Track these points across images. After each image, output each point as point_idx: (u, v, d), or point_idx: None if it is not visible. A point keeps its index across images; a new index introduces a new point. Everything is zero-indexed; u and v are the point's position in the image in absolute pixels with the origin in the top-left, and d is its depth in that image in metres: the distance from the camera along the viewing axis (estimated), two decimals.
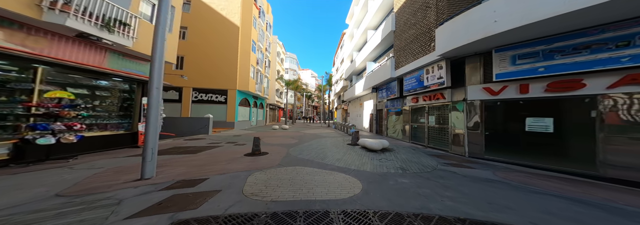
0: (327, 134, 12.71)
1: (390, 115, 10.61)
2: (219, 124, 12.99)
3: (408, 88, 7.81)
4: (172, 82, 12.19)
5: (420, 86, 6.89)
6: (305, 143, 8.19)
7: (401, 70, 8.29)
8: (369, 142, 6.31)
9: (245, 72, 14.20)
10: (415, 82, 7.21)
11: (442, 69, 5.64)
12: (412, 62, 7.33)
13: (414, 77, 7.33)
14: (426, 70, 6.51)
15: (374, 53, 12.78)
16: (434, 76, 6.03)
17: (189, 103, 12.58)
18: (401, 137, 9.07)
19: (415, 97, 7.51)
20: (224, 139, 8.74)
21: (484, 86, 4.66)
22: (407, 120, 8.39)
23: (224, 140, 8.25)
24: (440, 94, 5.99)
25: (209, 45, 13.28)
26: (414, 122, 7.93)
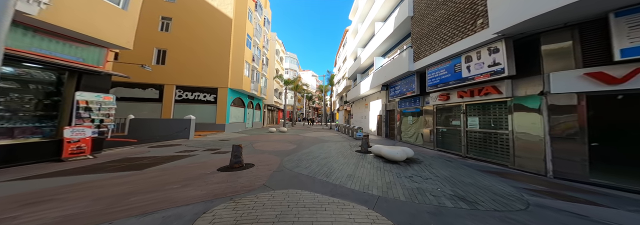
0: (330, 137, 10.90)
1: (404, 116, 8.81)
2: (206, 126, 11.21)
3: (434, 82, 6.04)
4: (152, 78, 10.51)
5: (455, 79, 5.12)
6: (305, 150, 6.42)
7: (423, 61, 6.55)
8: (386, 151, 4.56)
9: (239, 69, 12.51)
10: (447, 74, 5.44)
11: (498, 52, 3.88)
12: (442, 50, 5.58)
13: (445, 68, 5.56)
14: (466, 57, 4.75)
15: (383, 47, 11.08)
16: (482, 64, 4.27)
17: (172, 103, 10.82)
18: (421, 142, 7.25)
19: (446, 93, 5.73)
20: (205, 144, 6.95)
21: (590, 71, 2.88)
22: (430, 122, 6.59)
23: (203, 147, 6.46)
24: (491, 87, 4.21)
25: (197, 39, 11.61)
26: (443, 124, 6.13)
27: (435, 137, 6.38)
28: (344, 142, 8.92)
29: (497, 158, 4.25)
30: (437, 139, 6.33)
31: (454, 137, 5.61)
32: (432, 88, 6.11)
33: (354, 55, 17.63)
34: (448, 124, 5.87)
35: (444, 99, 5.76)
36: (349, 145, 7.67)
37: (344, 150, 6.49)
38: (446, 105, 5.92)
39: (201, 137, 9.20)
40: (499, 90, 4.07)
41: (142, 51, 10.53)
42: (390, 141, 9.13)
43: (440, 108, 6.23)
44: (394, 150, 4.63)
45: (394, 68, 8.56)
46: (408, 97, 8.05)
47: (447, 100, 5.69)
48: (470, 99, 4.87)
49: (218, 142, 7.64)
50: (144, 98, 10.44)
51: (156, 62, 10.90)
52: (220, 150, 5.99)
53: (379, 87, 11.21)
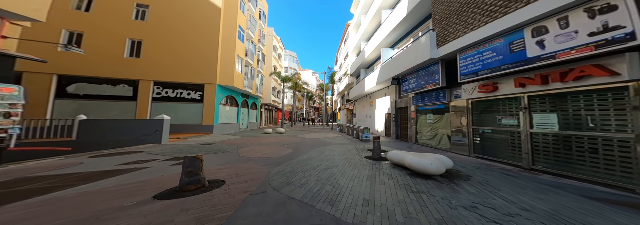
0: (333, 139, 9.36)
1: (421, 114, 7.24)
2: (191, 128, 9.64)
3: (471, 70, 4.48)
4: (125, 73, 8.83)
5: (512, 61, 3.56)
6: (302, 156, 5.09)
7: (452, 45, 4.99)
8: (414, 160, 3.17)
9: (230, 64, 10.96)
10: (496, 57, 3.88)
11: (616, 10, 2.32)
12: (486, 26, 4.03)
13: (491, 50, 4.00)
14: (536, 29, 3.19)
15: (391, 37, 9.51)
16: (573, 34, 2.71)
17: (149, 101, 9.24)
18: (447, 146, 5.68)
19: (491, 83, 4.17)
20: (176, 151, 5.39)
21: None
22: (462, 121, 5.02)
23: (169, 155, 4.91)
24: (594, 67, 2.64)
25: (179, 29, 10.05)
26: (485, 124, 4.55)
27: (471, 140, 4.80)
28: (348, 145, 7.38)
29: (600, 176, 2.68)
30: (474, 142, 4.75)
31: (503, 141, 4.04)
32: (468, 77, 4.55)
33: (357, 51, 16.09)
34: (493, 124, 4.30)
35: (489, 91, 4.18)
36: (356, 150, 6.12)
37: (350, 157, 4.94)
38: (491, 99, 4.34)
39: (180, 141, 7.64)
40: (611, 71, 2.50)
41: (111, 42, 8.98)
42: (404, 144, 7.56)
43: (480, 103, 4.65)
44: (426, 160, 3.11)
45: (408, 58, 6.99)
46: (427, 91, 6.48)
47: (494, 92, 4.12)
48: (540, 87, 3.30)
49: (195, 148, 6.08)
50: (114, 96, 8.87)
51: (129, 54, 9.32)
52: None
53: (387, 82, 9.65)
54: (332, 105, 20.17)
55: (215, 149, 5.96)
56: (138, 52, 9.42)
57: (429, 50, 5.71)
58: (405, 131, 8.83)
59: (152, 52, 9.49)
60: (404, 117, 9.00)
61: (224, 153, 5.43)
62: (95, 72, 8.53)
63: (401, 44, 9.30)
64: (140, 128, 6.26)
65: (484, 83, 4.29)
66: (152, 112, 9.22)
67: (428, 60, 5.89)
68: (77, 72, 8.31)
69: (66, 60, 8.11)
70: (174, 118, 9.39)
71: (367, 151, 5.91)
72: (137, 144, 6.15)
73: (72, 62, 8.18)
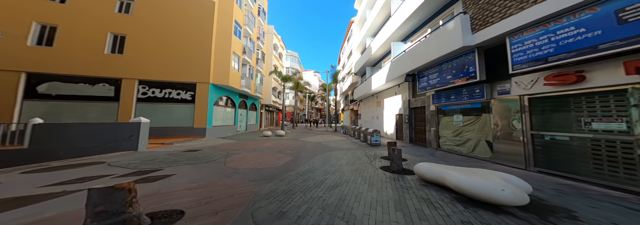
0: (337, 143, 8.16)
1: (445, 115, 5.99)
2: (181, 131, 8.48)
3: (534, 56, 3.24)
4: (105, 70, 7.56)
5: (614, 39, 2.33)
6: (303, 165, 4.09)
7: (498, 27, 3.78)
8: (470, 184, 2.02)
9: (224, 61, 9.83)
10: (584, 35, 2.64)
11: None
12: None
13: (574, 25, 2.77)
14: None
15: (403, 29, 8.31)
16: None
17: (133, 102, 8.09)
18: (487, 155, 4.43)
19: (574, 71, 2.93)
20: (148, 161, 4.21)
21: None
22: (514, 123, 3.76)
23: (136, 167, 3.74)
24: None
25: (168, 23, 8.96)
26: (551, 127, 3.29)
27: (529, 149, 3.54)
28: (356, 150, 6.18)
29: None
30: (534, 152, 3.49)
31: (589, 152, 2.78)
32: (527, 66, 3.31)
33: (362, 47, 14.92)
34: (570, 127, 3.04)
35: (569, 82, 2.94)
36: (366, 157, 4.94)
37: (362, 167, 4.00)
38: (569, 93, 3.08)
39: (163, 146, 6.47)
40: None
41: (90, 37, 7.87)
42: (422, 149, 6.30)
43: (547, 99, 3.40)
44: (489, 183, 2.07)
45: (428, 49, 5.78)
46: (455, 87, 5.25)
47: (577, 84, 2.87)
48: None
49: (177, 155, 4.90)
50: (92, 96, 7.73)
51: (110, 50, 8.21)
52: (155, 174, 3.27)
53: (399, 79, 8.43)
54: (335, 106, 18.96)
55: (199, 157, 4.78)
56: (121, 47, 8.30)
57: (461, 36, 4.49)
58: (421, 134, 7.57)
59: (137, 48, 8.38)
60: (419, 118, 7.76)
61: (206, 162, 4.24)
62: (70, 70, 7.42)
63: (415, 35, 8.09)
64: (111, 133, 5.09)
65: (558, 72, 3.05)
66: (137, 114, 8.07)
67: (459, 49, 4.66)
68: (50, 70, 7.21)
69: (36, 56, 7.03)
70: (161, 120, 8.26)
71: (380, 159, 4.76)
72: (107, 152, 4.98)
73: (43, 58, 7.09)
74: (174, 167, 3.83)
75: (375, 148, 6.79)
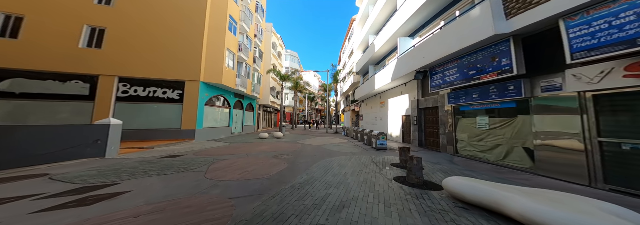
0: (339, 146, 7.32)
1: (464, 117, 5.15)
2: (167, 133, 7.58)
3: (608, 40, 2.41)
4: (79, 66, 6.64)
5: None
6: (300, 176, 3.40)
7: (544, 9, 2.96)
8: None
9: (218, 58, 8.99)
10: None
11: None
12: None
13: None
14: None
15: (411, 23, 7.53)
16: None
17: (111, 101, 7.17)
18: (528, 165, 3.58)
19: None
20: (107, 173, 3.35)
21: None
22: (572, 126, 2.90)
23: (83, 182, 2.84)
24: None
25: (154, 16, 8.13)
26: (630, 134, 2.43)
27: (595, 160, 2.68)
28: (361, 155, 5.38)
29: None
30: (603, 165, 2.63)
31: None
32: (601, 52, 2.47)
33: (364, 46, 14.16)
34: None
35: None
36: (374, 164, 4.22)
37: (371, 177, 3.31)
38: None
39: (141, 151, 5.57)
40: None
41: (62, 29, 6.99)
42: (436, 154, 5.44)
43: (619, 96, 2.56)
44: (594, 220, 1.02)
45: (445, 42, 4.98)
46: (480, 84, 4.41)
47: None
48: None
49: (150, 163, 4.02)
50: (63, 95, 6.81)
51: (87, 44, 7.31)
52: (102, 192, 2.39)
53: (406, 77, 7.61)
54: (335, 107, 18.14)
55: (175, 165, 3.92)
56: (99, 41, 7.42)
57: (492, 24, 3.67)
58: (432, 137, 6.72)
59: (119, 43, 7.51)
60: (430, 119, 6.91)
61: (183, 172, 3.43)
62: (37, 65, 6.53)
63: (426, 30, 7.30)
64: (73, 137, 4.18)
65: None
66: (116, 115, 7.17)
67: (489, 39, 3.84)
68: (12, 65, 6.31)
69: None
70: (145, 122, 7.35)
71: (391, 167, 4.03)
72: (64, 160, 4.06)
73: (5, 51, 6.20)
74: (136, 180, 2.96)
75: (381, 153, 5.94)
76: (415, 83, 7.66)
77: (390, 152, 5.99)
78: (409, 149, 4.41)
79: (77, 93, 6.87)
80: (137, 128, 7.27)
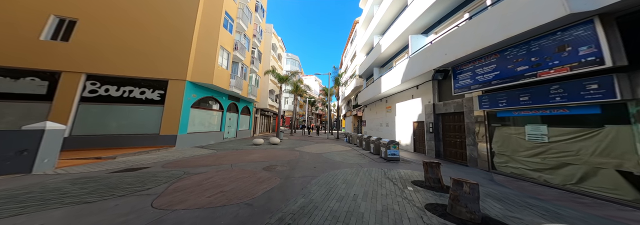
0: (342, 155, 6.29)
1: (506, 124, 3.99)
2: (143, 139, 6.31)
3: None
4: (36, 61, 5.40)
5: None
6: (294, 199, 2.38)
7: None
8: None
9: (209, 56, 7.90)
10: None
11: None
12: None
13: None
14: None
15: (424, 19, 6.59)
16: None
17: (73, 102, 5.87)
18: (630, 196, 2.35)
19: None
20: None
21: None
22: None
23: None
24: None
25: (136, 6, 7.08)
26: None
27: None
28: (371, 167, 4.42)
29: None
30: None
31: None
32: None
33: (368, 48, 13.29)
34: None
35: None
36: (389, 181, 3.33)
37: (394, 205, 2.32)
38: None
39: (96, 162, 4.29)
40: None
41: (22, 19, 5.88)
42: (464, 170, 4.21)
43: None
44: None
45: (478, 32, 3.94)
46: (535, 82, 3.30)
47: None
48: None
49: (86, 182, 2.88)
50: (13, 94, 5.55)
51: (51, 36, 6.14)
52: None
53: (421, 78, 6.55)
54: (336, 112, 17.01)
55: (122, 184, 2.94)
56: (66, 33, 6.26)
57: (564, 1, 2.62)
58: (453, 148, 5.54)
59: (91, 35, 6.38)
60: (450, 127, 5.77)
61: (123, 196, 2.46)
62: None
63: (443, 25, 6.33)
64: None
65: None
66: (79, 118, 5.90)
67: (556, 22, 2.77)
68: None
69: None
70: (115, 126, 6.09)
71: (413, 186, 3.08)
72: None
73: None
74: (27, 216, 1.86)
75: (394, 165, 4.83)
76: (431, 85, 6.59)
77: (404, 165, 4.87)
78: (438, 164, 3.27)
79: (31, 92, 5.63)
80: (104, 133, 5.99)
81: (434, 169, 3.27)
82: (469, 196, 1.94)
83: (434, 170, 3.27)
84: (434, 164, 3.28)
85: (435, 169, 3.27)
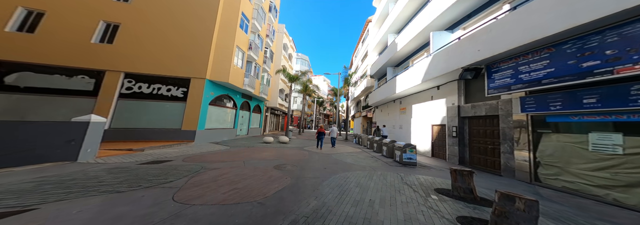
0: (353, 157, 5.92)
1: (559, 131, 3.31)
2: (166, 134, 6.46)
3: None
4: (87, 60, 5.72)
5: None
6: (307, 201, 2.16)
7: None
8: None
9: (226, 56, 7.86)
10: None
11: None
12: None
13: None
14: None
15: (451, 13, 5.94)
16: None
17: (114, 98, 6.22)
18: None
19: None
20: (47, 186, 2.21)
21: None
22: None
23: None
24: None
25: (165, 11, 7.21)
26: None
27: None
28: (385, 171, 4.12)
29: None
30: None
31: None
32: None
33: (381, 47, 12.64)
34: None
35: None
36: (409, 187, 3.07)
37: (418, 215, 1.94)
38: None
39: (129, 153, 4.41)
40: None
41: (79, 24, 6.31)
42: (498, 180, 3.56)
43: None
44: None
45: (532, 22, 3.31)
46: (606, 81, 2.63)
47: None
48: None
49: (120, 171, 3.13)
50: (67, 90, 5.99)
51: (100, 39, 6.50)
52: None
53: (444, 78, 5.90)
54: (347, 111, 16.50)
55: (149, 176, 2.93)
56: (111, 37, 6.62)
57: None
58: (483, 155, 4.87)
59: (130, 37, 6.69)
60: (479, 131, 5.09)
61: (149, 187, 2.46)
62: (48, 59, 5.89)
63: (473, 20, 5.65)
64: (42, 135, 3.01)
65: None
66: (117, 112, 6.16)
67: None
68: (24, 58, 5.73)
69: (12, 43, 5.57)
70: (146, 120, 6.29)
71: (437, 194, 2.72)
72: (25, 163, 2.86)
73: (20, 45, 5.69)
74: (67, 203, 1.90)
75: (410, 169, 4.37)
76: (456, 85, 5.91)
77: (422, 170, 4.37)
78: (470, 172, 2.80)
79: (82, 88, 6.04)
80: (136, 127, 6.26)
81: (465, 178, 2.79)
82: (524, 215, 1.50)
83: (465, 179, 2.80)
84: (465, 173, 2.80)
85: (467, 177, 2.79)
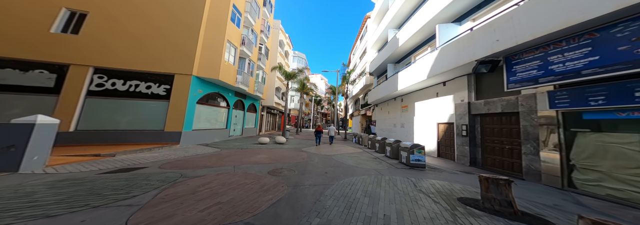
0: (354, 158, 5.41)
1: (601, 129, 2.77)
2: (148, 136, 5.60)
3: None
4: (45, 53, 4.67)
5: None
6: (308, 220, 1.63)
7: None
8: None
9: (216, 50, 7.03)
10: None
11: None
12: None
13: None
14: None
15: (459, 4, 5.39)
16: None
17: (80, 95, 5.24)
18: None
19: None
20: None
21: None
22: None
23: None
24: None
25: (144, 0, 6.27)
26: None
27: None
28: (393, 175, 3.58)
29: None
30: None
31: None
32: None
33: (381, 43, 12.06)
34: None
35: None
36: (426, 196, 2.60)
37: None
38: None
39: (95, 159, 3.57)
40: None
41: (33, 11, 5.26)
42: (527, 186, 3.01)
43: None
44: None
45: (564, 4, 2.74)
46: None
47: None
48: None
49: (63, 187, 2.35)
50: (22, 86, 4.99)
51: (62, 29, 5.49)
52: None
53: (453, 73, 5.36)
54: (343, 111, 15.91)
55: (106, 190, 2.36)
56: (77, 26, 5.59)
57: None
58: (499, 156, 4.36)
59: (101, 28, 5.69)
60: (493, 130, 4.58)
61: (96, 208, 1.84)
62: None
63: (485, 9, 5.10)
64: None
65: None
66: (85, 112, 5.24)
67: None
68: None
69: None
70: (120, 121, 5.40)
71: (465, 207, 2.19)
72: None
73: None
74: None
75: (420, 173, 3.81)
76: (465, 80, 5.38)
77: (433, 173, 3.81)
78: (508, 181, 2.27)
79: (40, 84, 5.04)
80: (109, 128, 5.33)
81: (502, 188, 2.25)
82: None
83: (501, 189, 2.25)
84: (502, 181, 2.26)
85: (504, 187, 2.25)
